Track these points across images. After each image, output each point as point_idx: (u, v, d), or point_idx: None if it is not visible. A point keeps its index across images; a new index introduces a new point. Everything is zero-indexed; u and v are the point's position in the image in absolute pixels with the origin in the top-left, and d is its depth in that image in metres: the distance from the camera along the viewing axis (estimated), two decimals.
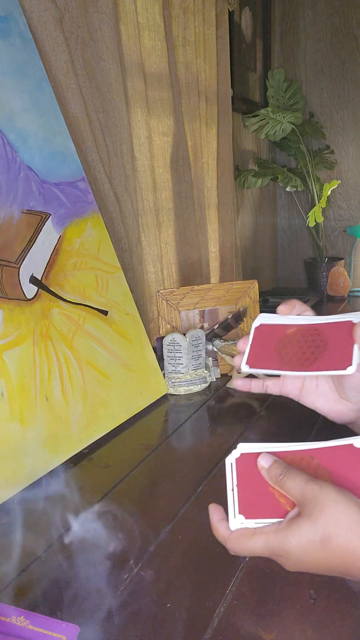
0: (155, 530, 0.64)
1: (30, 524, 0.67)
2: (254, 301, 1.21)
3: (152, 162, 1.37)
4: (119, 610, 0.51)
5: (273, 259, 2.51)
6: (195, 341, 1.09)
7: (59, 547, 0.62)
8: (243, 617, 0.50)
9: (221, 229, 1.76)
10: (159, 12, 1.35)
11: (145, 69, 1.33)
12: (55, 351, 0.85)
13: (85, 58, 1.13)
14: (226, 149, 1.72)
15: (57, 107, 0.97)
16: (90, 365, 0.90)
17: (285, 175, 2.08)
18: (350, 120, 2.27)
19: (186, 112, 1.50)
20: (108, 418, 0.91)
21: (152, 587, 0.54)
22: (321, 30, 2.24)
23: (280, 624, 0.48)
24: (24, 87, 0.91)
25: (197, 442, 0.92)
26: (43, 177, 0.91)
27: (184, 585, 0.54)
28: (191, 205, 1.54)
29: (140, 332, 1.04)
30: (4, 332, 0.78)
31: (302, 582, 0.53)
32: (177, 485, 0.74)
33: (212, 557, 0.57)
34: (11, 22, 0.90)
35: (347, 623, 0.48)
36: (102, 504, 0.70)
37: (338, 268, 2.21)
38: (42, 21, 1.01)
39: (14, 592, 0.55)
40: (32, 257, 0.86)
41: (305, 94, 2.29)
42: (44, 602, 0.53)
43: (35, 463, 0.76)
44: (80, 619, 0.50)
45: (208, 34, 1.57)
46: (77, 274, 0.94)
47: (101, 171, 1.17)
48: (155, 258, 1.41)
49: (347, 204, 2.36)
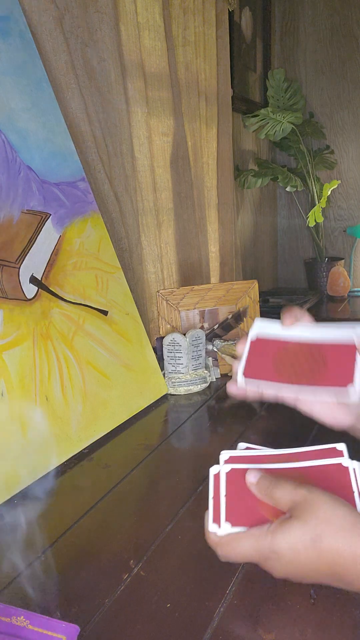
0: (155, 530, 0.64)
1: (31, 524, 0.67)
2: (254, 301, 1.21)
3: (152, 162, 1.37)
4: (119, 610, 0.51)
5: (273, 259, 2.50)
6: (195, 341, 1.09)
7: (60, 547, 0.62)
8: (243, 617, 0.49)
9: (221, 229, 1.76)
10: (159, 12, 1.35)
11: (145, 69, 1.33)
12: (55, 351, 0.85)
13: (85, 58, 1.13)
14: (226, 149, 1.72)
15: (57, 107, 0.97)
16: (90, 365, 0.90)
17: (285, 175, 2.08)
18: (350, 120, 2.27)
19: (186, 112, 1.50)
20: (108, 418, 0.91)
21: (152, 587, 0.54)
22: (321, 30, 2.24)
23: (280, 624, 0.48)
24: (24, 87, 0.91)
25: (197, 442, 0.92)
26: (43, 177, 0.91)
27: (184, 585, 0.54)
28: (191, 205, 1.54)
29: (140, 332, 1.04)
30: (4, 332, 0.78)
31: (302, 582, 0.53)
32: (177, 485, 0.74)
33: (212, 557, 0.57)
34: (11, 22, 0.90)
35: (347, 623, 0.48)
36: (102, 504, 0.70)
37: (338, 268, 2.21)
38: (42, 21, 1.01)
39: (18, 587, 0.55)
40: (32, 257, 0.86)
41: (305, 94, 2.29)
42: (44, 600, 0.53)
43: (35, 463, 0.76)
44: (80, 618, 0.50)
45: (208, 34, 1.57)
46: (77, 274, 0.94)
47: (101, 171, 1.17)
48: (155, 258, 1.41)
49: (347, 204, 2.36)
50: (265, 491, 0.50)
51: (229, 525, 0.50)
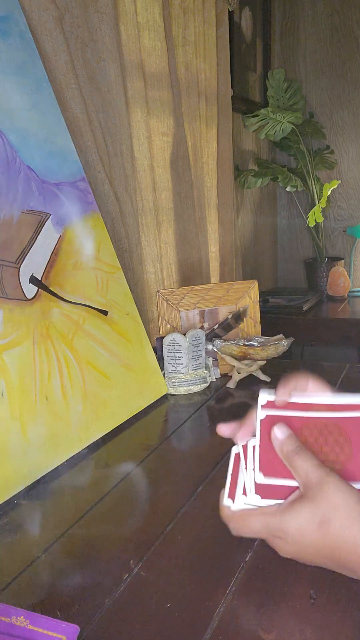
0: (155, 530, 0.64)
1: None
2: (254, 301, 1.21)
3: (152, 162, 1.37)
4: (119, 610, 0.51)
5: (273, 259, 2.51)
6: (195, 341, 1.09)
7: (60, 547, 0.62)
8: (243, 617, 0.49)
9: (221, 229, 1.76)
10: (159, 12, 1.35)
11: (145, 69, 1.33)
12: (55, 351, 0.85)
13: (85, 58, 1.13)
14: (226, 149, 1.72)
15: (57, 107, 0.97)
16: (90, 365, 0.90)
17: (285, 175, 2.08)
18: (350, 120, 2.27)
19: (186, 112, 1.50)
20: (108, 418, 0.91)
21: (152, 587, 0.54)
22: (321, 30, 2.24)
23: (280, 624, 0.48)
24: (24, 87, 0.91)
25: (197, 442, 0.92)
26: (43, 177, 0.91)
27: (184, 585, 0.54)
28: (191, 205, 1.54)
29: (140, 332, 1.04)
30: (4, 332, 0.78)
31: (302, 582, 0.53)
32: (177, 485, 0.74)
33: (212, 557, 0.57)
34: (11, 22, 0.90)
35: (347, 623, 0.48)
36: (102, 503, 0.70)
37: (338, 268, 2.21)
38: (42, 21, 1.01)
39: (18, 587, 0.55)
40: (32, 257, 0.86)
41: (305, 94, 2.29)
42: (44, 600, 0.53)
43: (35, 463, 0.76)
44: (80, 618, 0.50)
45: (208, 34, 1.57)
46: (77, 274, 0.94)
47: (101, 171, 1.17)
48: (155, 258, 1.41)
49: (347, 204, 2.36)
50: (287, 454, 0.50)
51: (261, 475, 0.50)
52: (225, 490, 0.53)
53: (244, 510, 0.51)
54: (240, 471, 0.53)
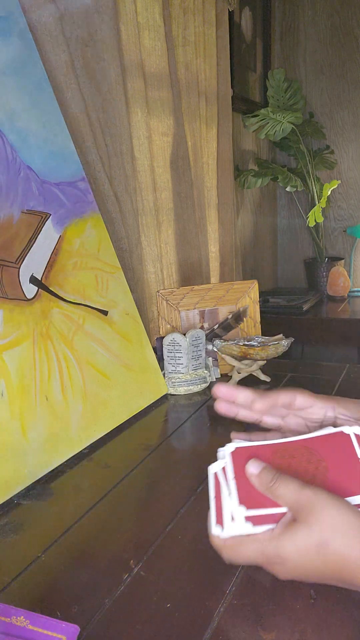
0: (155, 530, 0.64)
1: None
2: (254, 301, 1.21)
3: (152, 162, 1.37)
4: (119, 610, 0.51)
5: (273, 259, 2.51)
6: (195, 341, 1.09)
7: (60, 547, 0.62)
8: (243, 617, 0.49)
9: (221, 229, 1.76)
10: (159, 12, 1.35)
11: (145, 69, 1.33)
12: (55, 351, 0.85)
13: (85, 58, 1.12)
14: (226, 149, 1.72)
15: (57, 107, 0.97)
16: (90, 365, 0.90)
17: (285, 175, 2.08)
18: (350, 120, 2.27)
19: (186, 112, 1.50)
20: (108, 418, 0.91)
21: (152, 587, 0.54)
22: (321, 30, 2.24)
23: (280, 624, 0.48)
24: (24, 87, 0.91)
25: (197, 442, 0.92)
26: (43, 177, 0.91)
27: (184, 585, 0.54)
28: (191, 205, 1.54)
29: (140, 332, 1.04)
30: (4, 332, 0.78)
31: (302, 582, 0.53)
32: (177, 485, 0.74)
33: (212, 557, 0.57)
34: (11, 21, 0.90)
35: (347, 623, 0.48)
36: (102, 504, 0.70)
37: (338, 268, 2.21)
38: (42, 21, 1.01)
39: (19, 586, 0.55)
40: (32, 257, 0.86)
41: (305, 94, 2.29)
42: (44, 600, 0.53)
43: (35, 463, 0.76)
44: (80, 618, 0.50)
45: (208, 34, 1.57)
46: (77, 274, 0.94)
47: (101, 171, 1.17)
48: (155, 258, 1.41)
49: (347, 204, 2.36)
50: (267, 485, 0.48)
51: (244, 509, 0.48)
52: (211, 516, 0.50)
53: (236, 537, 0.48)
54: (222, 496, 0.51)
